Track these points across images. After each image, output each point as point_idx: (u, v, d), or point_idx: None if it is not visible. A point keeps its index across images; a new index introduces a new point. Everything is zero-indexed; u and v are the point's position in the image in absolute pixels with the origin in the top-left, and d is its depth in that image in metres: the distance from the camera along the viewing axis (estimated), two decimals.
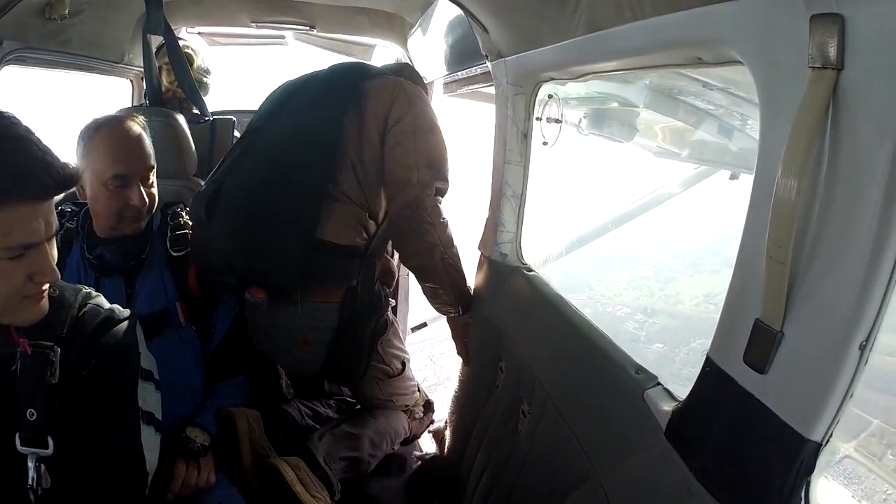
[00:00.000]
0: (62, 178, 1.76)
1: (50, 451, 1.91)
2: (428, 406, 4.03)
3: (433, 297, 3.28)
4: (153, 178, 2.83)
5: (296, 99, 3.26)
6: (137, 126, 2.80)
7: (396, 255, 3.63)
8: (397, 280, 3.68)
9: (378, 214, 3.15)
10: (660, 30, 1.76)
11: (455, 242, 3.15)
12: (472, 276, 3.48)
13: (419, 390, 3.92)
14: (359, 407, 3.80)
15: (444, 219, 3.08)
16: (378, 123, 3.07)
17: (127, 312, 2.17)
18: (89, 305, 2.10)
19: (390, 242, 3.41)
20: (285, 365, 3.69)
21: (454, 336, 3.49)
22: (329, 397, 4.00)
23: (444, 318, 3.50)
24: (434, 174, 3.05)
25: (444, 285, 3.19)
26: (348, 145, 3.04)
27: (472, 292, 3.41)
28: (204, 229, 3.00)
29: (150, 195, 2.81)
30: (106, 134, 2.72)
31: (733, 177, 3.76)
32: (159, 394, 2.22)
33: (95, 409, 2.00)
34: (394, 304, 3.59)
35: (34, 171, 1.70)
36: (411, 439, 3.90)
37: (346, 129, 3.04)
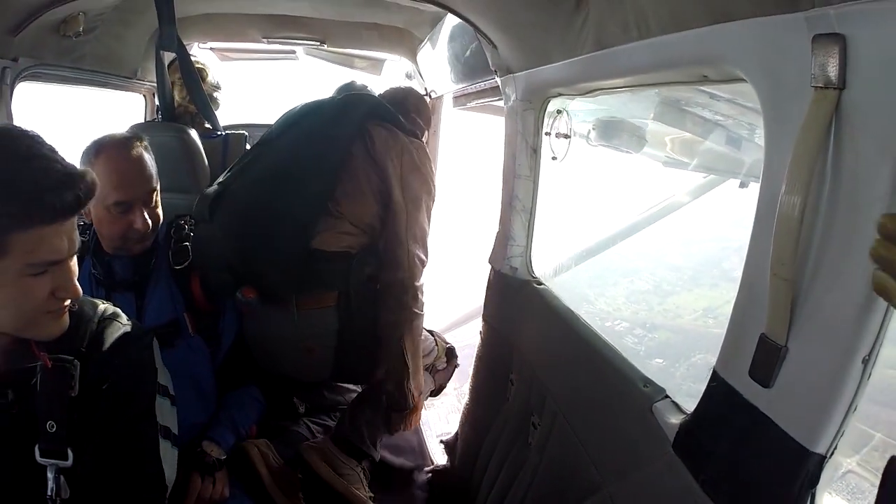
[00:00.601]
0: (85, 193, 1.78)
1: (69, 462, 1.92)
2: (450, 353, 4.03)
3: (383, 379, 3.31)
4: (157, 198, 2.83)
5: (308, 119, 3.32)
6: (138, 148, 2.78)
7: None
8: None
9: (372, 227, 3.22)
10: (665, 48, 1.78)
11: (420, 338, 3.27)
12: (482, 290, 3.52)
13: (437, 343, 3.93)
14: None
15: (418, 309, 3.20)
16: (385, 168, 3.18)
17: (145, 328, 2.20)
18: (108, 320, 2.11)
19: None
20: (291, 374, 3.61)
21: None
22: (334, 408, 4.02)
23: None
24: (421, 250, 3.18)
25: (389, 364, 3.23)
26: (352, 171, 3.14)
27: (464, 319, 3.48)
28: (205, 227, 3.06)
29: (154, 215, 2.80)
30: (105, 159, 2.70)
31: (743, 185, 3.75)
32: (175, 408, 2.24)
33: (115, 423, 2.01)
34: None
35: (58, 191, 1.72)
36: (438, 391, 3.95)
37: (353, 157, 3.14)
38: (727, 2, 1.46)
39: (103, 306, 2.15)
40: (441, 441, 4.03)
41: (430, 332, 3.90)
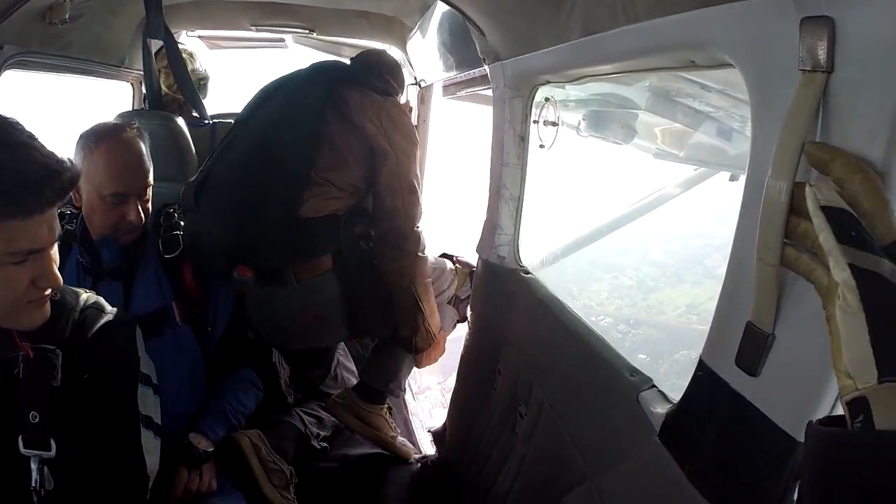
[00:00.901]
0: (66, 185, 1.77)
1: (52, 453, 1.92)
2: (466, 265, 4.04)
3: (397, 326, 3.37)
4: (149, 193, 2.84)
5: (279, 93, 3.37)
6: (138, 141, 2.81)
7: None
8: None
9: (357, 188, 3.27)
10: (652, 33, 1.76)
11: (428, 279, 3.32)
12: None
13: (456, 272, 3.97)
14: None
15: (421, 251, 3.26)
16: (360, 130, 3.22)
17: (128, 317, 2.20)
18: (91, 309, 2.11)
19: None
20: (308, 345, 3.75)
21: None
22: (326, 397, 4.02)
23: None
24: (415, 199, 3.24)
25: (403, 312, 3.30)
26: (330, 139, 3.18)
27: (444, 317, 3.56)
28: (193, 214, 3.10)
29: (146, 210, 2.83)
30: (107, 149, 2.72)
31: (733, 178, 3.75)
32: (157, 398, 2.22)
33: (97, 412, 2.01)
34: None
35: (39, 181, 1.70)
36: (463, 319, 3.94)
37: (329, 123, 3.18)
38: None
39: (85, 295, 2.15)
40: (429, 431, 4.03)
41: (449, 256, 3.96)
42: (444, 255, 3.97)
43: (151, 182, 2.84)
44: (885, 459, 0.88)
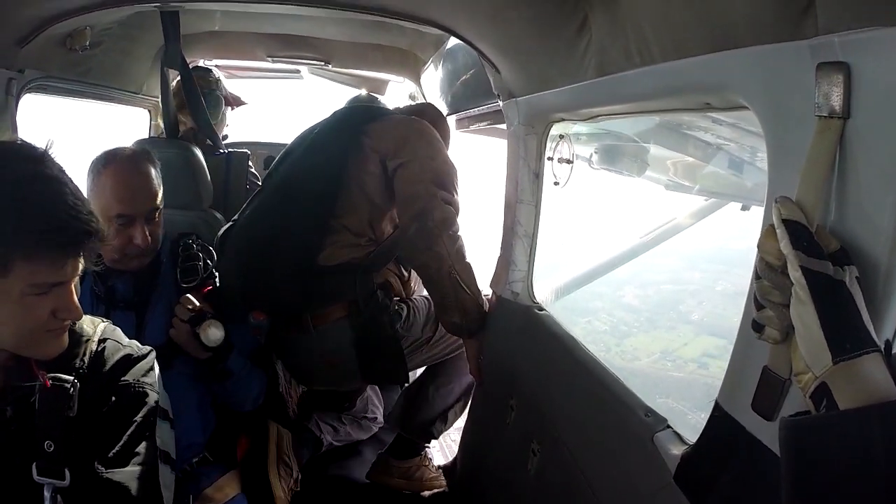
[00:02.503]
0: (90, 232, 1.78)
1: (66, 482, 1.90)
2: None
3: (442, 311, 3.31)
4: (159, 217, 2.84)
5: (306, 143, 3.42)
6: (146, 164, 2.81)
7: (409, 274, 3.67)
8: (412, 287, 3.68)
9: (377, 237, 3.28)
10: (668, 75, 1.77)
11: (467, 258, 3.21)
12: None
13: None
14: None
15: (454, 231, 3.16)
16: (378, 155, 3.22)
17: (146, 349, 2.18)
18: (109, 340, 2.10)
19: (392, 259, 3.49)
20: (326, 386, 3.91)
21: (468, 356, 3.46)
22: (344, 410, 4.22)
23: None
24: (442, 189, 3.17)
25: (449, 301, 3.23)
26: (350, 182, 3.19)
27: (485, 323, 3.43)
28: (219, 261, 3.09)
29: (154, 234, 2.81)
30: (113, 171, 2.73)
31: (745, 208, 3.75)
32: (174, 432, 2.22)
33: (114, 446, 1.99)
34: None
35: (67, 222, 1.72)
36: None
37: (348, 168, 3.19)
38: (730, 29, 1.45)
39: (103, 325, 2.14)
40: (440, 467, 4.00)
41: None
42: None
43: (160, 206, 2.83)
44: (850, 436, 0.98)
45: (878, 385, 1.00)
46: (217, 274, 3.03)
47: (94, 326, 2.11)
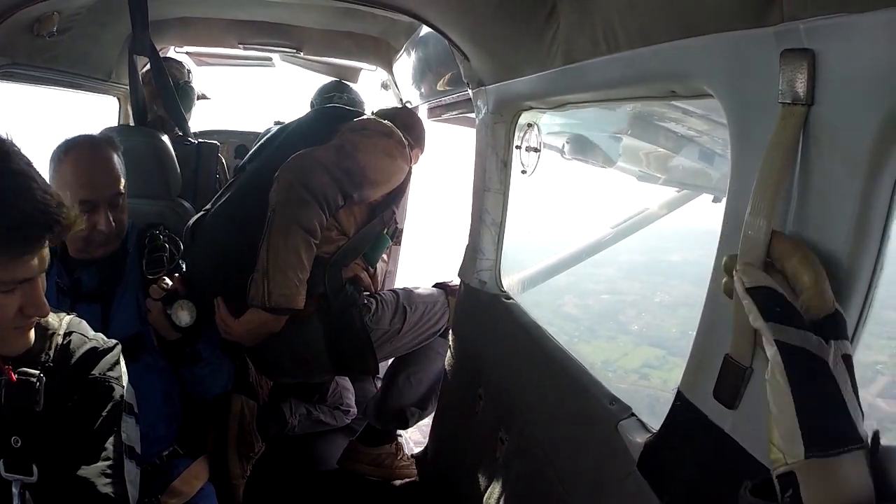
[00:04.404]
0: (63, 231, 1.76)
1: (34, 478, 1.89)
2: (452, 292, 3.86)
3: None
4: (123, 202, 2.82)
5: (278, 141, 3.43)
6: (108, 149, 2.79)
7: (379, 267, 3.67)
8: (379, 280, 3.68)
9: (345, 230, 3.27)
10: (634, 63, 1.76)
11: (289, 259, 3.05)
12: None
13: (441, 299, 3.79)
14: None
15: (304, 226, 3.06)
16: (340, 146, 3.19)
17: (112, 343, 2.16)
18: (74, 334, 2.08)
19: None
20: (297, 380, 3.96)
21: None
22: (324, 400, 4.28)
23: None
24: (328, 179, 3.07)
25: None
26: None
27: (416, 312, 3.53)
28: (188, 251, 3.10)
29: (119, 220, 2.79)
30: (74, 157, 2.71)
31: (716, 200, 3.76)
32: (139, 428, 2.19)
33: (80, 440, 1.98)
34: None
35: (35, 218, 1.69)
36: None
37: None
38: (696, 16, 1.45)
39: (68, 318, 2.12)
40: (411, 456, 4.00)
41: (443, 285, 3.83)
42: (438, 285, 3.86)
43: (123, 192, 2.81)
44: None
45: (854, 490, 0.93)
46: (183, 265, 3.03)
47: (59, 320, 2.08)
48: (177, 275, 2.86)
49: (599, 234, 4.48)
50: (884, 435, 0.96)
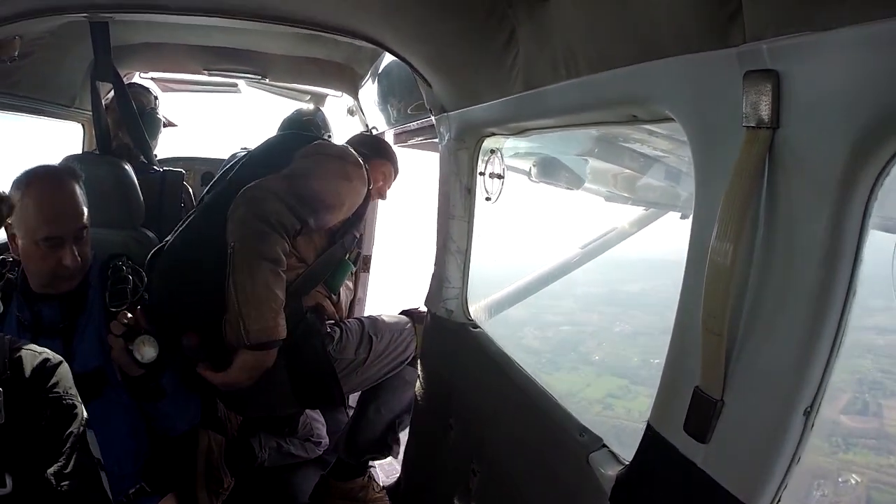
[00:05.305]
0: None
1: (8, 488, 1.86)
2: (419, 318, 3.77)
3: None
4: (87, 234, 2.75)
5: (237, 167, 3.38)
6: (71, 182, 2.71)
7: (343, 295, 3.62)
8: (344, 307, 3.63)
9: (304, 258, 3.21)
10: (594, 88, 1.74)
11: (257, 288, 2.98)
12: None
13: (408, 327, 3.70)
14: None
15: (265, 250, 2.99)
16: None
17: (59, 358, 2.11)
18: (19, 348, 2.04)
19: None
20: (265, 413, 3.85)
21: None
22: (294, 433, 4.19)
23: None
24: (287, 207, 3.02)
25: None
26: None
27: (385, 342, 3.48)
28: (149, 281, 3.04)
29: (83, 254, 2.72)
30: (37, 191, 2.63)
31: (684, 216, 3.77)
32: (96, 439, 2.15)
33: (57, 458, 1.95)
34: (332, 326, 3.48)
35: None
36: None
37: None
38: (656, 39, 1.42)
39: (8, 337, 2.08)
40: (383, 487, 3.95)
41: (410, 312, 3.77)
42: (405, 312, 3.79)
43: (87, 224, 2.74)
44: None
45: None
46: (147, 296, 2.96)
47: (2, 338, 2.05)
48: (138, 308, 2.79)
49: (568, 255, 4.47)
50: (848, 451, 0.95)
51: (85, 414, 2.08)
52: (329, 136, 4.15)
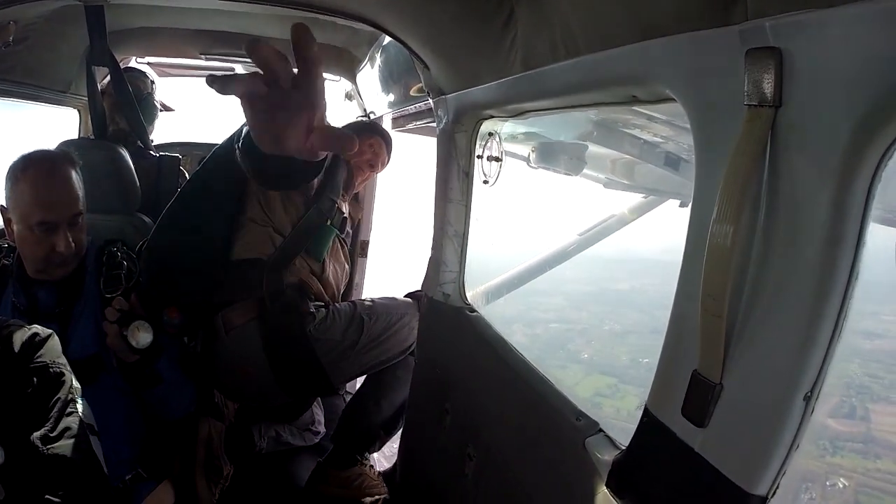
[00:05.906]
0: None
1: (1, 460, 1.88)
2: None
3: None
4: (82, 221, 2.75)
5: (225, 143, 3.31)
6: (67, 167, 2.71)
7: (330, 268, 3.56)
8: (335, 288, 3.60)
9: (282, 228, 3.22)
10: (593, 68, 1.72)
11: None
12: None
13: (408, 314, 3.67)
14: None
15: None
16: None
17: (49, 331, 2.15)
18: (14, 327, 2.08)
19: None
20: (256, 403, 3.83)
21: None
22: (295, 419, 4.19)
23: None
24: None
25: None
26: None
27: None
28: (140, 260, 3.04)
29: (78, 240, 2.73)
30: (33, 176, 2.63)
31: (683, 205, 3.75)
32: (100, 444, 2.18)
33: (45, 423, 1.98)
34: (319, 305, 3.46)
35: None
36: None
37: None
38: (656, 17, 1.40)
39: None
40: (380, 473, 3.95)
41: (418, 295, 3.66)
42: (411, 295, 3.76)
43: (83, 210, 2.75)
44: None
45: None
46: (142, 280, 2.95)
47: None
48: (133, 294, 2.78)
49: (566, 242, 4.46)
50: (836, 454, 0.94)
51: (76, 384, 2.11)
52: None
